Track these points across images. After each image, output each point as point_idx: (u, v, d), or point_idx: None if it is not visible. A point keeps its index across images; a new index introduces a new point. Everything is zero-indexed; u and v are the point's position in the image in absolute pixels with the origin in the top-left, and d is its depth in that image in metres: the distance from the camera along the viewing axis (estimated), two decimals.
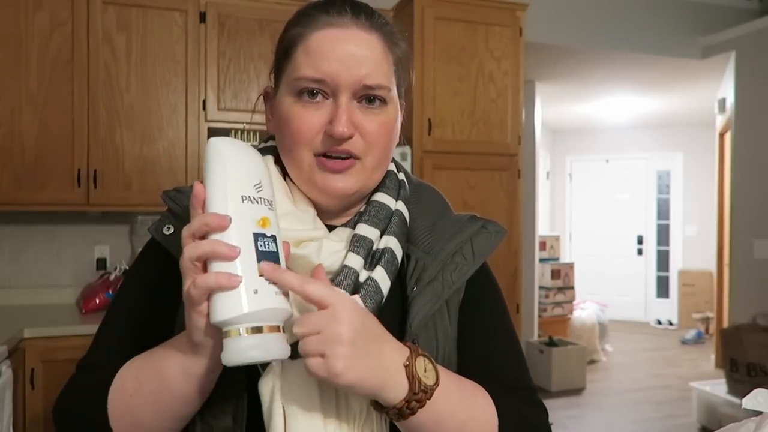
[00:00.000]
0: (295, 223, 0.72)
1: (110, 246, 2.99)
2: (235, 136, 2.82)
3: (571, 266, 6.09)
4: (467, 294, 0.81)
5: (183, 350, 0.65)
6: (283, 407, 0.66)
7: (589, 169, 8.33)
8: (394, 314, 0.75)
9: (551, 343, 4.98)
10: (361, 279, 0.72)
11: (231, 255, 0.58)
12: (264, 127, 0.82)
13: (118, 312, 0.79)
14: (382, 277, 0.72)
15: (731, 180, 4.68)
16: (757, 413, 0.64)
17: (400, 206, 0.79)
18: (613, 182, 8.23)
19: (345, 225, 0.77)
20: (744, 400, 0.65)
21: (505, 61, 3.07)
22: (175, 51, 2.76)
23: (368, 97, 0.72)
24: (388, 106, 0.74)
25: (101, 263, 2.96)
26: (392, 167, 0.82)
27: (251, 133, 2.84)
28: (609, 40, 4.35)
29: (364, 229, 0.75)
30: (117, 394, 0.68)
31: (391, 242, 0.75)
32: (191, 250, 0.59)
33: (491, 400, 0.72)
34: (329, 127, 0.70)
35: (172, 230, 0.75)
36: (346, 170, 0.73)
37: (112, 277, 2.76)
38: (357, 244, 0.73)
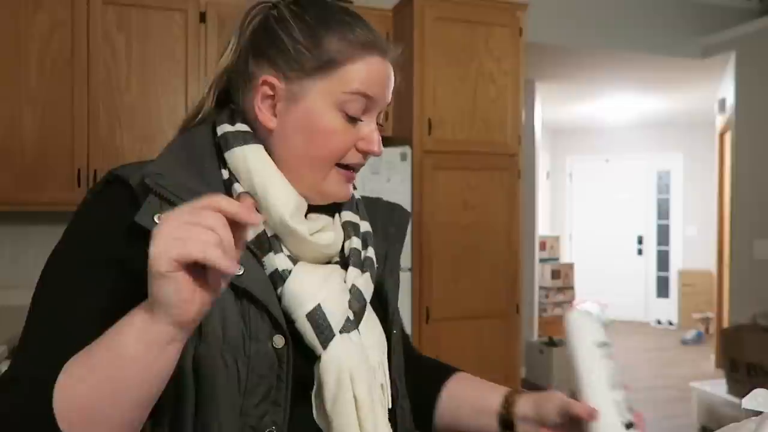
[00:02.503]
0: (302, 214, 0.77)
1: None
2: None
3: (571, 266, 6.09)
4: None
5: (143, 320, 0.57)
6: (351, 377, 0.71)
7: (589, 169, 8.33)
8: None
9: (551, 343, 4.98)
10: (362, 258, 0.80)
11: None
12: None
13: (67, 305, 0.68)
14: (372, 255, 0.82)
15: (731, 180, 4.68)
16: (757, 413, 0.64)
17: (357, 194, 0.87)
18: (613, 182, 8.23)
19: (320, 211, 0.80)
20: (744, 400, 0.65)
21: (505, 61, 3.07)
22: (175, 51, 2.76)
23: (379, 121, 0.81)
24: None
25: None
26: None
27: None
28: (609, 40, 4.35)
29: (351, 216, 0.83)
30: (63, 391, 0.59)
31: (367, 226, 0.85)
32: (232, 205, 0.56)
33: None
34: (365, 145, 0.77)
35: None
36: (353, 179, 0.81)
37: None
38: (353, 229, 0.82)
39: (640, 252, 8.12)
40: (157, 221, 0.65)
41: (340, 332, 0.73)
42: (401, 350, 0.88)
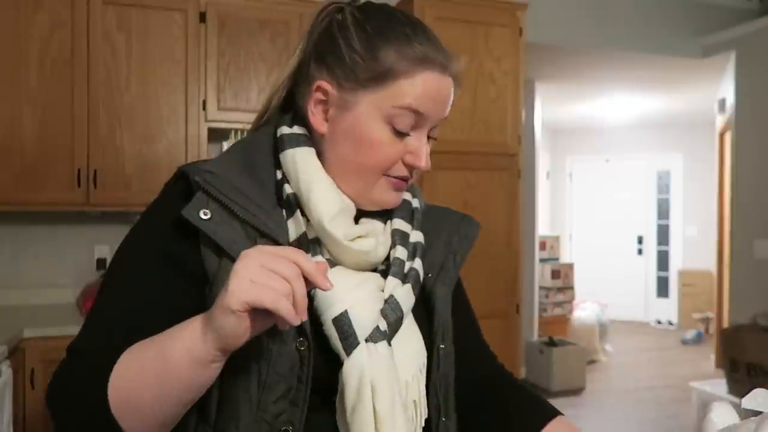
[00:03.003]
0: (348, 219, 0.77)
1: (110, 246, 2.99)
2: (234, 136, 2.82)
3: (571, 266, 6.09)
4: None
5: (194, 338, 0.63)
6: (372, 388, 0.70)
7: (589, 169, 8.33)
8: (416, 299, 0.81)
9: (551, 343, 4.98)
10: (405, 269, 0.78)
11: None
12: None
13: (127, 289, 0.74)
14: (419, 267, 0.80)
15: (731, 180, 4.68)
16: (757, 413, 0.64)
17: (416, 203, 0.86)
18: (613, 182, 8.23)
19: (371, 217, 0.81)
20: (744, 400, 0.65)
21: (505, 61, 3.07)
22: (175, 51, 2.76)
23: (432, 136, 0.81)
24: None
25: (101, 263, 2.96)
26: None
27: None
28: (609, 40, 4.35)
29: (401, 225, 0.82)
30: (118, 378, 0.65)
31: (419, 236, 0.83)
32: (309, 263, 0.61)
33: None
34: (412, 158, 0.77)
35: (209, 216, 0.71)
36: (402, 188, 0.80)
37: None
38: (401, 238, 0.80)
39: (640, 252, 8.12)
40: (203, 216, 0.70)
41: (366, 341, 0.72)
42: (451, 366, 0.85)
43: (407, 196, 0.85)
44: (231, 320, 0.60)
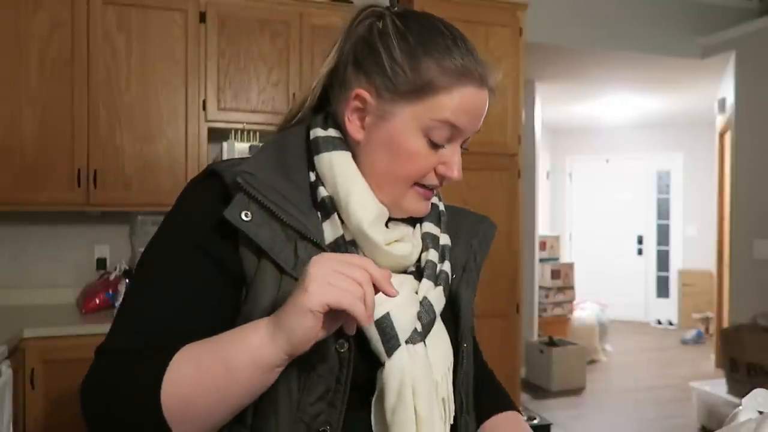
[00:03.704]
0: (383, 224, 0.78)
1: (110, 246, 2.99)
2: (234, 136, 2.82)
3: (571, 266, 6.09)
4: None
5: (262, 342, 0.64)
6: (412, 389, 0.71)
7: (589, 169, 8.33)
8: None
9: (551, 343, 4.98)
10: (437, 271, 0.81)
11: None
12: (262, 127, 0.83)
13: (164, 289, 0.72)
14: (448, 269, 0.82)
15: (731, 180, 4.68)
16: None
17: (441, 206, 0.89)
18: (613, 182, 8.23)
19: (401, 221, 0.82)
20: (744, 400, 0.65)
21: (505, 61, 3.07)
22: (175, 51, 2.76)
23: (465, 146, 0.81)
24: None
25: (101, 263, 2.96)
26: None
27: (250, 133, 2.84)
28: (609, 40, 4.35)
29: (431, 228, 0.84)
30: (172, 384, 0.64)
31: (447, 239, 0.85)
32: (378, 271, 0.64)
33: None
34: (444, 169, 0.78)
35: (250, 217, 0.71)
36: (431, 197, 0.82)
37: (112, 277, 2.76)
38: (432, 241, 0.82)
39: (640, 252, 8.12)
40: (245, 218, 0.70)
41: (406, 343, 0.73)
42: (471, 364, 0.88)
43: (434, 199, 0.87)
44: (308, 321, 0.62)
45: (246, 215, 0.70)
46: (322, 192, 0.76)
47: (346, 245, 0.75)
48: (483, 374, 0.98)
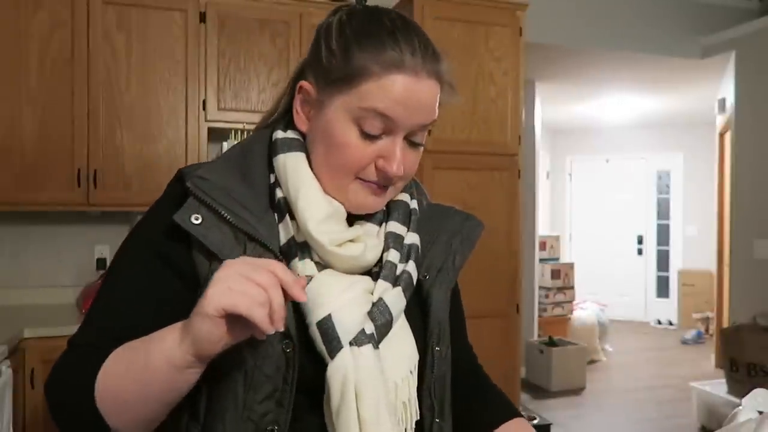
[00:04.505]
0: (336, 224, 0.76)
1: (110, 246, 2.99)
2: (234, 136, 2.82)
3: (571, 266, 6.09)
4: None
5: (173, 343, 0.65)
6: (356, 391, 0.70)
7: (589, 169, 8.33)
8: (411, 301, 0.80)
9: (551, 343, 4.98)
10: (398, 272, 0.78)
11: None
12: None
13: (121, 288, 0.76)
14: (412, 270, 0.80)
15: (731, 180, 4.68)
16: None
17: (415, 204, 0.86)
18: (613, 182, 8.23)
19: (366, 220, 0.81)
20: (744, 400, 0.65)
21: (505, 61, 3.07)
22: (175, 51, 2.76)
23: (416, 141, 0.78)
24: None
25: (101, 263, 2.96)
26: None
27: (250, 133, 2.84)
28: (609, 40, 4.35)
29: (396, 227, 0.81)
30: (105, 376, 0.68)
31: (415, 238, 0.82)
32: (288, 275, 0.63)
33: None
34: (383, 163, 0.75)
35: (200, 220, 0.73)
36: (383, 193, 0.78)
37: None
38: (394, 240, 0.80)
39: (640, 252, 8.12)
40: (194, 221, 0.72)
41: (351, 344, 0.72)
42: (448, 368, 0.85)
43: (404, 196, 0.85)
44: (206, 325, 0.62)
45: (196, 218, 0.72)
46: (278, 193, 0.77)
47: (297, 247, 0.75)
48: (480, 382, 0.96)
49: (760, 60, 4.37)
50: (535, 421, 3.76)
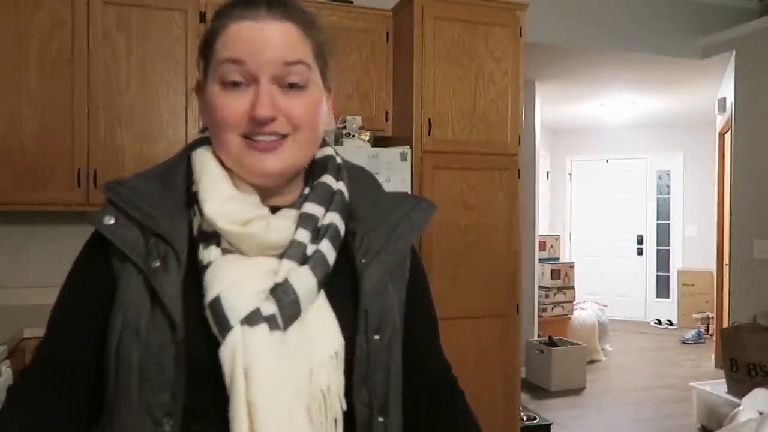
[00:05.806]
0: (239, 205, 0.76)
1: None
2: None
3: (571, 266, 6.09)
4: (412, 280, 0.88)
5: None
6: (245, 372, 0.69)
7: (589, 169, 8.33)
8: (344, 287, 0.79)
9: (551, 343, 4.98)
10: (309, 252, 0.76)
11: None
12: None
13: (56, 313, 0.87)
14: (327, 249, 0.77)
15: (731, 180, 4.68)
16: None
17: (341, 186, 0.84)
18: (613, 182, 8.23)
19: (291, 206, 0.80)
20: (744, 400, 0.65)
21: (505, 61, 3.06)
22: (175, 51, 2.76)
23: (290, 82, 0.76)
24: (309, 87, 0.78)
25: None
26: (330, 151, 0.88)
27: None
28: (609, 40, 4.35)
29: (311, 208, 0.79)
30: None
31: (335, 218, 0.80)
32: None
33: None
34: (252, 111, 0.74)
35: (113, 221, 0.76)
36: (274, 150, 0.76)
37: None
38: (304, 220, 0.78)
39: (640, 252, 8.12)
40: (107, 222, 0.76)
41: (243, 324, 0.70)
42: (393, 362, 0.81)
43: (328, 179, 0.83)
44: None
45: (109, 219, 0.76)
46: (193, 189, 0.79)
47: (204, 235, 0.76)
48: (452, 407, 0.93)
49: (760, 60, 4.37)
50: (535, 421, 3.76)
